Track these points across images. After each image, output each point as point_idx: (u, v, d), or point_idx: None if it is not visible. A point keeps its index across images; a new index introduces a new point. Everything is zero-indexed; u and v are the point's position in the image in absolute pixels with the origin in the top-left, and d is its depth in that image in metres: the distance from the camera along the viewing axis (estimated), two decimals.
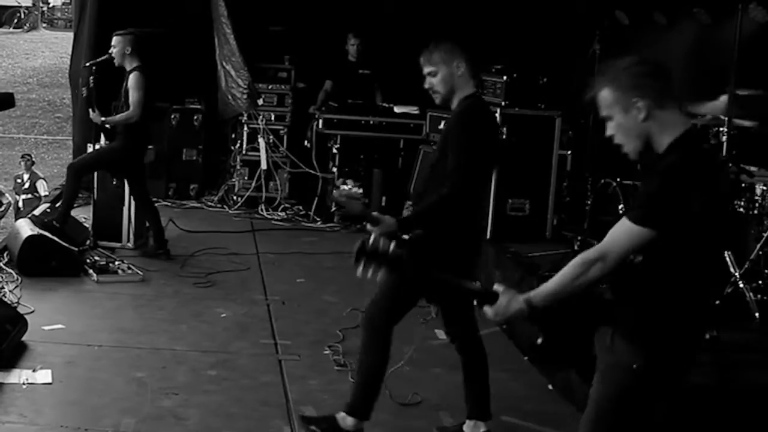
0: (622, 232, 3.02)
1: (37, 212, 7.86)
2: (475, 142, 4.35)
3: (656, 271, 3.03)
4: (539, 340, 3.19)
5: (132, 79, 7.47)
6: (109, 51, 7.63)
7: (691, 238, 3.01)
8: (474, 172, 4.35)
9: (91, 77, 7.75)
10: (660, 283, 3.05)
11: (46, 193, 11.61)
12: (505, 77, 7.19)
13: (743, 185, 5.86)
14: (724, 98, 5.94)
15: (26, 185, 12.32)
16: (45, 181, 12.44)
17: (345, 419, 4.55)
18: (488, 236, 7.14)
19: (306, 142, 9.70)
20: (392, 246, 3.17)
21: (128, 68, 7.55)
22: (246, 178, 9.74)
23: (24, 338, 5.54)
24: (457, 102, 4.52)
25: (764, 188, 5.76)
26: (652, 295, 3.06)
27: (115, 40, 7.59)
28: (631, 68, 3.13)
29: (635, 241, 2.99)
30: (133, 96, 7.43)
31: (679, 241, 2.99)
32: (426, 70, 4.59)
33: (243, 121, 9.76)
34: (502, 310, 3.13)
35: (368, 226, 4.30)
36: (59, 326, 5.93)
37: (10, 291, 6.45)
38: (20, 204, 12.01)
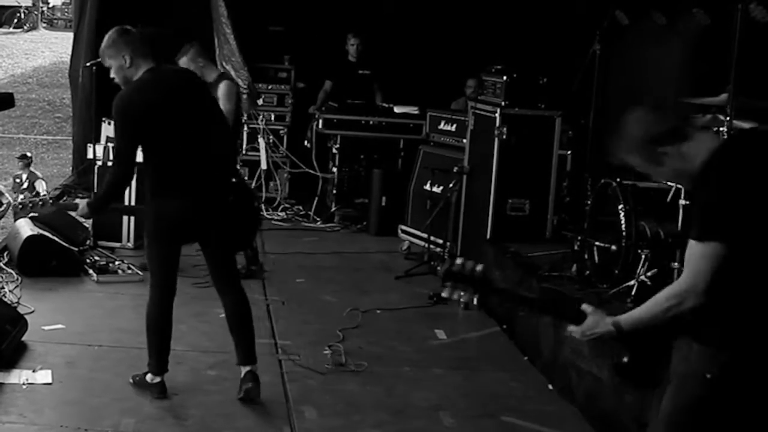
0: (694, 255, 2.94)
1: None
2: (125, 124, 4.72)
3: (735, 277, 2.95)
4: (625, 359, 3.15)
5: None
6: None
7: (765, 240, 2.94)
8: (123, 154, 4.75)
9: None
10: (738, 290, 2.96)
11: (45, 193, 11.58)
12: (505, 77, 7.18)
13: None
14: (724, 96, 5.93)
15: (24, 185, 12.31)
16: (44, 181, 12.40)
17: (149, 374, 5.01)
18: (488, 236, 7.14)
19: (306, 142, 9.71)
20: (479, 267, 3.15)
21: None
22: (246, 178, 9.73)
23: (24, 338, 5.54)
24: None
25: None
26: (729, 302, 2.97)
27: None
28: (638, 128, 3.12)
29: (712, 260, 2.91)
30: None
31: (755, 245, 2.93)
32: (106, 65, 4.87)
33: (243, 121, 9.75)
34: (590, 331, 3.13)
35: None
36: (59, 326, 5.93)
37: (10, 291, 6.45)
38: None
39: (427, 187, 8.58)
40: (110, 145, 7.95)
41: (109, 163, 7.84)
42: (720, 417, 3.00)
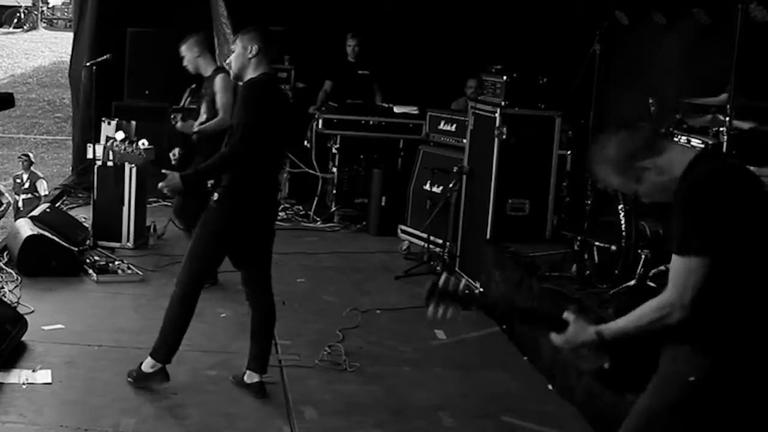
0: (678, 269, 2.96)
1: (36, 212, 7.86)
2: (254, 112, 4.81)
3: (719, 287, 2.97)
4: (606, 365, 3.15)
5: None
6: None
7: (751, 248, 2.96)
8: (252, 136, 4.78)
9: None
10: (722, 299, 2.98)
11: (46, 193, 11.64)
12: (505, 77, 7.17)
13: None
14: (724, 96, 5.93)
15: (26, 185, 12.35)
16: (45, 180, 12.47)
17: (147, 361, 5.03)
18: (488, 236, 7.14)
19: (306, 142, 9.71)
20: (462, 283, 3.18)
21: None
22: None
23: (24, 338, 5.54)
24: (247, 78, 4.95)
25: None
26: (715, 310, 2.98)
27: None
28: (613, 147, 3.16)
29: (695, 273, 2.93)
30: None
31: (738, 254, 2.94)
32: (231, 45, 5.09)
33: None
34: (572, 339, 3.13)
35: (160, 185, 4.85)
36: (59, 326, 5.93)
37: (10, 291, 6.45)
38: (20, 204, 12.04)
39: (427, 187, 8.58)
40: (112, 143, 7.90)
41: (109, 163, 7.85)
42: (700, 420, 3.02)
